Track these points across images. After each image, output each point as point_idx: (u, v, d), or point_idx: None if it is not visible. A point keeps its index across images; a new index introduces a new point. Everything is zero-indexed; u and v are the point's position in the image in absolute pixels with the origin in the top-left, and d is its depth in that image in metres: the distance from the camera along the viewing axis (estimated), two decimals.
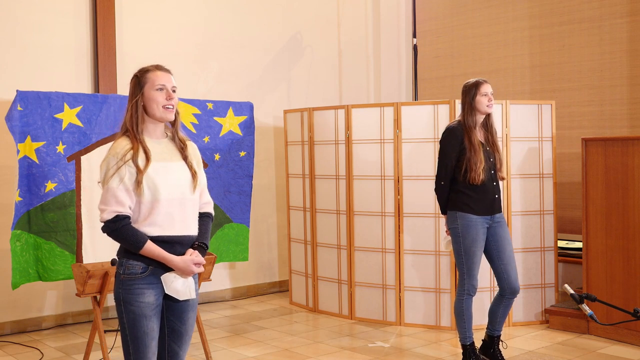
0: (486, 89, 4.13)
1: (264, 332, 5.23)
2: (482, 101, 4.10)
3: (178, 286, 2.68)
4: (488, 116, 4.19)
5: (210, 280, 4.78)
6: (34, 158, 4.29)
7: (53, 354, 4.70)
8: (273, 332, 5.25)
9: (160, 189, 2.63)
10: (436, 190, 4.24)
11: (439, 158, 4.22)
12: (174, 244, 2.68)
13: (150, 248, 2.62)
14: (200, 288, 4.88)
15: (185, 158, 2.75)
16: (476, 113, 4.13)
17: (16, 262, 4.29)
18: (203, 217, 2.83)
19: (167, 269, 2.67)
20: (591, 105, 5.88)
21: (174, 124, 2.77)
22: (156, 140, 2.73)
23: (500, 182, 4.28)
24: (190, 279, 2.74)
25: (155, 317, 2.67)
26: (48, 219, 4.36)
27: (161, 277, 2.67)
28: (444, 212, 4.27)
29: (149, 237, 2.62)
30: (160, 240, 2.64)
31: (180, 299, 2.70)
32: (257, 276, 6.64)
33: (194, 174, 2.75)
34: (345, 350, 4.75)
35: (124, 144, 2.66)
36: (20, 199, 4.25)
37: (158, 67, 2.75)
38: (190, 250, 2.72)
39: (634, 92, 5.64)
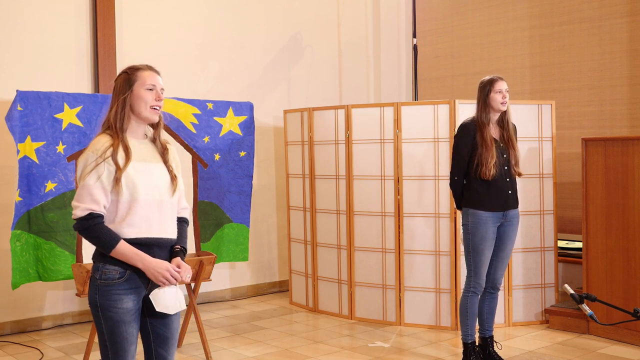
0: (500, 86, 4.15)
1: (264, 332, 5.23)
2: (496, 98, 4.13)
3: (168, 302, 2.59)
4: (504, 113, 4.22)
5: (210, 280, 4.78)
6: (34, 158, 4.29)
7: (53, 354, 4.70)
8: (273, 332, 5.25)
9: (139, 189, 2.56)
10: (450, 185, 4.31)
11: (452, 153, 4.27)
12: (152, 247, 2.58)
13: (124, 248, 2.52)
14: (200, 288, 4.89)
15: (165, 161, 2.69)
16: (490, 110, 4.16)
17: (16, 262, 4.29)
18: (180, 221, 2.76)
19: (144, 274, 2.58)
20: (591, 105, 5.88)
21: (156, 126, 2.71)
22: (137, 140, 2.67)
23: (517, 179, 4.30)
24: (180, 291, 2.64)
25: (135, 322, 2.59)
26: (48, 219, 4.36)
27: (149, 297, 2.58)
28: (458, 207, 4.32)
29: (126, 238, 2.54)
30: (137, 243, 2.55)
31: (171, 313, 2.62)
32: (257, 276, 6.64)
33: (173, 178, 2.68)
34: (345, 350, 4.75)
35: (103, 140, 2.58)
36: (20, 199, 4.25)
37: (148, 67, 2.70)
38: (179, 261, 2.63)
39: (634, 92, 5.64)
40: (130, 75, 2.67)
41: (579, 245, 5.69)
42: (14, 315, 5.22)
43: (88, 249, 4.38)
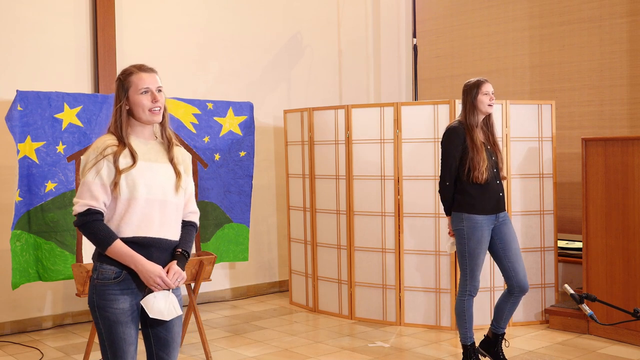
0: (487, 88, 4.12)
1: (264, 332, 5.23)
2: (483, 100, 4.11)
3: (161, 307, 2.55)
4: (488, 116, 4.20)
5: (210, 280, 4.78)
6: (34, 158, 4.30)
7: (53, 354, 4.70)
8: (273, 332, 5.25)
9: (139, 187, 2.54)
10: (440, 191, 4.23)
11: (442, 159, 4.20)
12: (150, 247, 2.56)
13: (119, 248, 2.50)
14: (200, 288, 4.88)
15: (171, 159, 2.66)
16: (477, 112, 4.14)
17: (16, 262, 4.29)
18: (187, 225, 2.73)
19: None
20: (591, 105, 5.88)
21: (161, 122, 2.69)
22: (143, 140, 2.65)
23: (503, 182, 4.28)
24: (173, 296, 2.60)
25: (132, 323, 2.56)
26: (48, 219, 4.37)
27: (141, 303, 2.55)
28: (447, 213, 4.25)
29: (123, 237, 2.52)
30: (135, 242, 2.53)
31: (167, 319, 2.58)
32: (257, 276, 6.64)
33: (178, 174, 2.65)
34: (345, 350, 4.75)
35: (105, 139, 2.59)
36: (20, 199, 4.25)
37: (141, 68, 2.65)
38: (171, 266, 2.59)
39: (634, 92, 5.64)
40: (123, 82, 2.64)
41: (579, 245, 5.69)
42: (14, 315, 5.23)
43: (88, 249, 4.41)
